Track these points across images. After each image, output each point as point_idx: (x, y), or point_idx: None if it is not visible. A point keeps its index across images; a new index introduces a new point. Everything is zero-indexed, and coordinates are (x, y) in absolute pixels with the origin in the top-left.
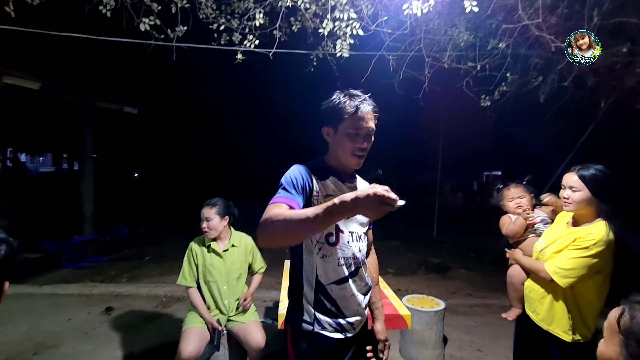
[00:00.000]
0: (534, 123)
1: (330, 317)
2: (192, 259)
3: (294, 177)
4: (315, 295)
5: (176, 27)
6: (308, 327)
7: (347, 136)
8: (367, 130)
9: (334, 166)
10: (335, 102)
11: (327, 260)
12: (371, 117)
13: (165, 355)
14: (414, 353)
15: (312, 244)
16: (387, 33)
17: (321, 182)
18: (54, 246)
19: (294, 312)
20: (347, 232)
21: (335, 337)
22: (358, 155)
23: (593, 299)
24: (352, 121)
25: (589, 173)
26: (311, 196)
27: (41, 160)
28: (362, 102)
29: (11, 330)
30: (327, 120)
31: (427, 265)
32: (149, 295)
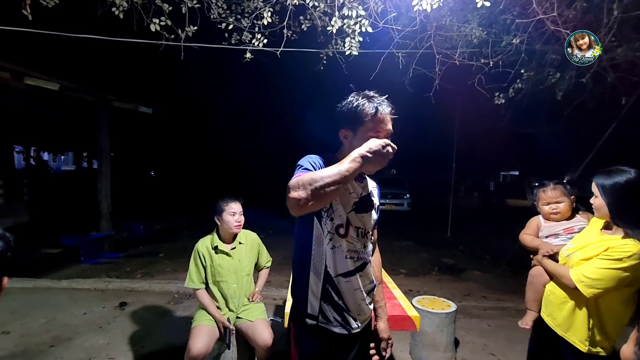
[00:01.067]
0: (552, 122)
1: (335, 309)
2: (200, 261)
3: (311, 161)
4: (324, 286)
5: (186, 27)
6: (312, 321)
7: (366, 140)
8: (386, 132)
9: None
10: (353, 105)
11: (336, 252)
12: (390, 119)
13: (176, 350)
14: (425, 355)
15: (323, 234)
16: (396, 30)
17: None
18: (72, 242)
19: (298, 307)
20: (354, 227)
21: (338, 332)
22: None
23: (618, 312)
24: (372, 124)
25: (607, 182)
26: None
27: (62, 159)
28: (381, 104)
29: (30, 322)
30: (345, 123)
31: (440, 266)
32: (162, 291)
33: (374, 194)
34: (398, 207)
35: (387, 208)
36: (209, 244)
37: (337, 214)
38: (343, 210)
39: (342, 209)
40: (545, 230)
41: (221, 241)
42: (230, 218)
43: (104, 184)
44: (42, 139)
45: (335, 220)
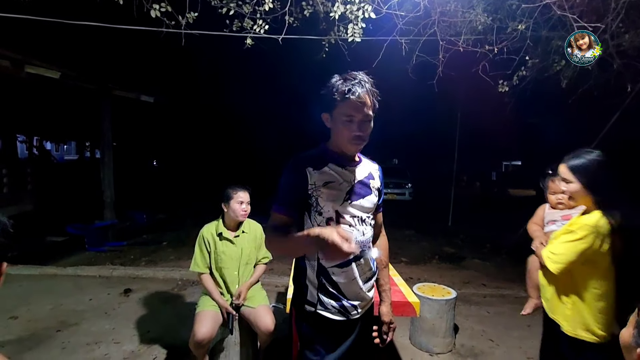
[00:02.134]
0: (557, 111)
1: (332, 299)
2: (205, 246)
3: (284, 184)
4: (318, 277)
5: (186, 14)
6: (311, 308)
7: (341, 123)
8: (360, 117)
9: (334, 151)
10: (329, 87)
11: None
12: (366, 101)
13: (180, 335)
14: (424, 341)
15: (312, 227)
16: (399, 16)
17: (317, 171)
18: (77, 230)
19: (298, 294)
20: (349, 217)
21: (337, 319)
22: (355, 142)
23: (595, 292)
24: (344, 107)
25: (579, 162)
26: (307, 191)
27: (65, 149)
28: (354, 86)
29: (36, 308)
30: (324, 106)
31: (440, 254)
32: (165, 278)
33: (373, 176)
34: (400, 197)
35: (389, 197)
36: (214, 230)
37: (325, 209)
38: (331, 205)
39: (330, 204)
40: (548, 217)
41: (226, 228)
42: (238, 206)
43: (107, 173)
44: (44, 128)
45: (325, 214)
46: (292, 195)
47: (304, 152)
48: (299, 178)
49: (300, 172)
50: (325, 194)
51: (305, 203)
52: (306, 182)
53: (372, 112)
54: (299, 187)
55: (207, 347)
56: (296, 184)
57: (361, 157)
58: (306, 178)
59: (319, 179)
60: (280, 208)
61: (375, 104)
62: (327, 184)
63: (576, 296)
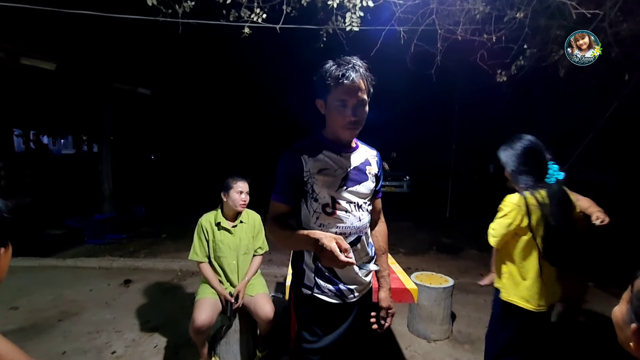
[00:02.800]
0: (555, 102)
1: (329, 283)
2: (203, 235)
3: (280, 173)
4: (314, 262)
5: (183, 2)
6: (307, 291)
7: (335, 109)
8: (354, 101)
9: (329, 138)
10: (322, 72)
11: (324, 230)
12: (360, 85)
13: (180, 324)
14: (422, 328)
15: (310, 214)
16: (398, 4)
17: (312, 159)
18: (76, 223)
19: (296, 278)
20: (345, 202)
21: (333, 302)
22: (349, 128)
23: (522, 266)
24: (337, 92)
25: (501, 149)
26: (302, 178)
27: (62, 143)
28: (347, 70)
29: (37, 299)
30: (318, 92)
31: (438, 245)
32: (165, 269)
33: (370, 162)
34: (398, 189)
35: (387, 190)
36: (213, 219)
37: (320, 195)
38: (327, 192)
39: (325, 191)
40: None
41: (224, 218)
42: (237, 196)
43: (104, 166)
44: (41, 122)
45: (320, 201)
46: (288, 184)
47: (300, 141)
48: (294, 166)
49: (296, 160)
50: (320, 180)
51: (301, 190)
52: (301, 169)
53: (367, 97)
54: (294, 175)
55: (206, 334)
56: (292, 172)
57: (358, 143)
58: (301, 166)
59: (314, 166)
60: (278, 197)
61: (370, 89)
62: (322, 170)
63: (511, 266)
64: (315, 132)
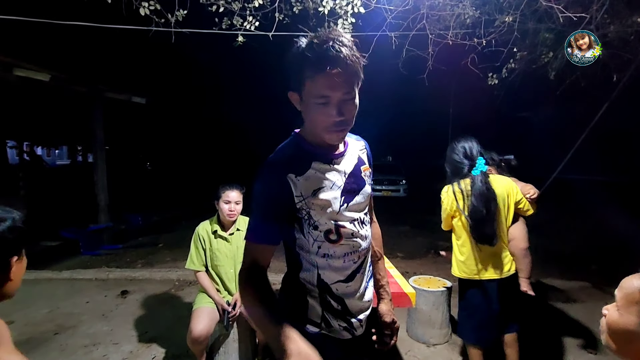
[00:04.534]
0: (546, 105)
1: (338, 316)
2: (200, 244)
3: (260, 201)
4: (321, 295)
5: (176, 12)
6: (314, 329)
7: (314, 108)
8: (340, 95)
9: (312, 142)
10: (294, 57)
11: (329, 259)
12: (347, 73)
13: (178, 335)
14: (421, 332)
15: (309, 244)
16: (389, 10)
17: (302, 177)
18: (71, 234)
19: (296, 311)
20: (349, 223)
21: (343, 338)
22: (336, 130)
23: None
24: (317, 85)
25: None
26: (293, 205)
27: (57, 153)
28: (328, 53)
29: (33, 312)
30: (290, 83)
31: (436, 249)
32: (162, 279)
33: (363, 159)
34: (394, 193)
35: (384, 194)
36: (209, 228)
37: (321, 222)
38: (327, 217)
39: (325, 216)
40: None
41: (220, 226)
42: (225, 206)
43: (100, 176)
44: (35, 133)
45: (321, 228)
46: (273, 216)
47: (278, 153)
48: (279, 191)
49: (280, 182)
50: (317, 205)
51: (293, 218)
52: (290, 194)
53: (356, 87)
54: (280, 202)
55: (204, 344)
56: (276, 199)
57: (346, 141)
58: (289, 189)
59: (306, 188)
60: (258, 236)
61: (359, 74)
62: (317, 191)
63: (455, 245)
64: (294, 135)
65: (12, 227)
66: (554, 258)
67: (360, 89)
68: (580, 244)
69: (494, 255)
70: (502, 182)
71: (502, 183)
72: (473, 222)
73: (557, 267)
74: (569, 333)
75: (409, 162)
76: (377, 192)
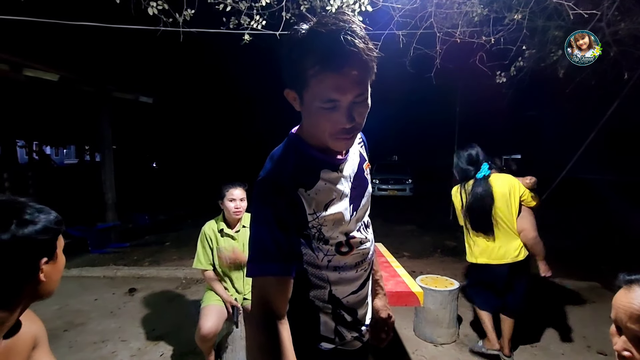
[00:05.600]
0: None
1: (350, 328)
2: (207, 243)
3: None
4: (334, 310)
5: (184, 11)
6: (329, 345)
7: (319, 111)
8: (352, 97)
9: (315, 146)
10: (293, 48)
11: (342, 272)
12: (358, 70)
13: (186, 332)
14: (428, 332)
15: (319, 258)
16: (396, 8)
17: (312, 191)
18: (79, 232)
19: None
20: (357, 232)
21: (356, 349)
22: (344, 138)
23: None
24: (322, 86)
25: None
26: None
27: (65, 153)
28: (338, 44)
29: (42, 309)
30: (288, 81)
31: (442, 248)
32: (169, 277)
33: (364, 155)
34: (400, 193)
35: (390, 194)
36: (215, 226)
37: (332, 235)
38: (339, 230)
39: (337, 230)
40: None
41: (226, 224)
42: (230, 204)
43: (107, 175)
44: (43, 132)
45: (332, 241)
46: (285, 239)
47: (279, 164)
48: (290, 210)
49: (290, 200)
50: (329, 220)
51: (300, 235)
52: (303, 212)
53: (370, 85)
54: (293, 223)
55: (213, 342)
56: (288, 219)
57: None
58: (301, 207)
59: (318, 201)
60: (267, 267)
61: (374, 70)
62: (329, 204)
63: (466, 237)
64: (293, 138)
65: (44, 229)
66: (564, 258)
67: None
68: (591, 244)
69: (501, 243)
70: (504, 179)
71: (504, 181)
72: (470, 216)
73: (566, 267)
74: (578, 334)
75: (415, 162)
76: (383, 191)
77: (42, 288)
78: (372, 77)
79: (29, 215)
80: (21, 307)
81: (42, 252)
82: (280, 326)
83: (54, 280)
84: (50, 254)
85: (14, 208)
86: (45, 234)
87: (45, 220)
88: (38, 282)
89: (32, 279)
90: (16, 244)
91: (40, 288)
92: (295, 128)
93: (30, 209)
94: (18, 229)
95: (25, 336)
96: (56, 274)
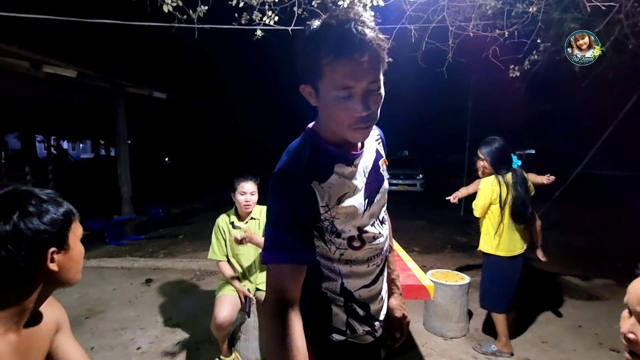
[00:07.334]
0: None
1: (362, 322)
2: (220, 235)
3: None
4: (345, 303)
5: (197, 8)
6: (340, 337)
7: (334, 101)
8: (366, 84)
9: (331, 141)
10: (307, 43)
11: (353, 266)
12: (371, 58)
13: (201, 321)
14: (438, 326)
15: (331, 251)
16: (408, 2)
17: (326, 183)
18: (97, 225)
19: (319, 320)
20: (371, 227)
21: (367, 343)
22: (361, 128)
23: (492, 225)
24: (336, 75)
25: (485, 148)
26: (318, 216)
27: (81, 147)
28: (348, 32)
29: (65, 297)
30: (303, 75)
31: (453, 244)
32: (184, 269)
33: (379, 151)
34: (411, 188)
35: (400, 189)
36: (227, 219)
37: (345, 229)
38: (352, 224)
39: (350, 224)
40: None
41: (237, 217)
42: (241, 197)
43: (123, 169)
44: (61, 128)
45: (345, 235)
46: (300, 230)
47: (294, 157)
48: (305, 202)
49: (305, 191)
50: (342, 213)
51: (313, 227)
52: (316, 204)
53: (382, 74)
54: (306, 214)
55: (227, 330)
56: (301, 211)
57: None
58: (314, 198)
59: (331, 195)
60: (286, 255)
61: (385, 58)
62: (342, 198)
63: (488, 227)
64: (309, 133)
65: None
66: (577, 254)
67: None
68: (605, 240)
69: (523, 234)
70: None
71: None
72: (513, 208)
73: (580, 264)
74: (590, 331)
75: (426, 157)
76: (394, 186)
77: (59, 277)
78: (384, 65)
79: (33, 207)
80: (38, 296)
81: (49, 242)
82: (292, 313)
83: (71, 269)
84: (60, 243)
85: (17, 199)
86: (51, 224)
87: (52, 211)
88: (50, 272)
89: (41, 269)
90: (19, 235)
91: (56, 277)
92: (311, 123)
93: (35, 199)
94: (20, 219)
95: (48, 321)
96: (72, 263)
